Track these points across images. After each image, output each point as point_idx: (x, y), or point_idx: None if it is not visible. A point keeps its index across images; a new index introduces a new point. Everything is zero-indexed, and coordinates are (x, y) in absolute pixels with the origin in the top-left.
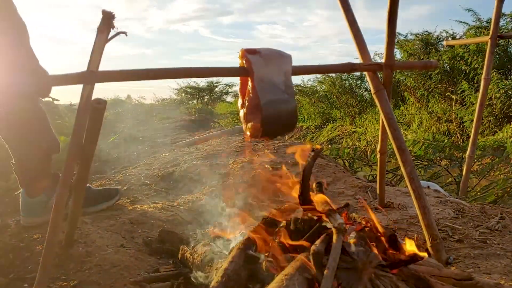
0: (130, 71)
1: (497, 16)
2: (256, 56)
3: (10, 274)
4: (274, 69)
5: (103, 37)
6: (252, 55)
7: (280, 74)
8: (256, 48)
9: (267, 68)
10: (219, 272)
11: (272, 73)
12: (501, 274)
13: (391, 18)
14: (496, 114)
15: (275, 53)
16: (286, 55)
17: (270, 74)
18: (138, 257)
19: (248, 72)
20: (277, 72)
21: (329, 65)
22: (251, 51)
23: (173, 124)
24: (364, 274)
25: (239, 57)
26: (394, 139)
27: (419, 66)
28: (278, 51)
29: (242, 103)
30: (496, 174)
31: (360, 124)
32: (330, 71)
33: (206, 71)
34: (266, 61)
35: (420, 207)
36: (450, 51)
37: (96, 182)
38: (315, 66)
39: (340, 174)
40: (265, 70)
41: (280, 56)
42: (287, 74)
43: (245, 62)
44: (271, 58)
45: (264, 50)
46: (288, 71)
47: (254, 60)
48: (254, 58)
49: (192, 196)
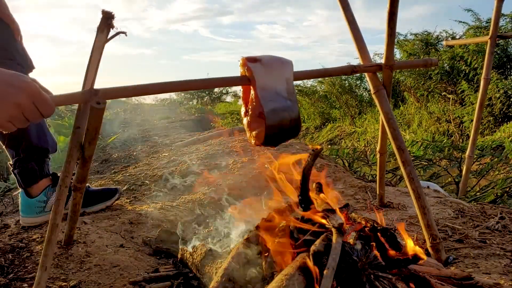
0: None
1: (496, 16)
2: (257, 64)
3: (10, 274)
4: (276, 77)
5: (102, 37)
6: (253, 64)
7: (282, 81)
8: (257, 56)
9: (269, 76)
10: (219, 272)
11: (274, 80)
12: (500, 274)
13: (391, 19)
14: (496, 114)
15: (276, 60)
16: (287, 61)
17: (272, 82)
18: (138, 257)
19: (250, 80)
20: (279, 79)
21: (330, 68)
22: (252, 59)
23: (173, 124)
24: (364, 275)
25: (240, 66)
26: (393, 139)
27: (420, 64)
28: (279, 58)
29: (245, 111)
30: (496, 174)
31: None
32: (331, 75)
33: (207, 83)
34: (267, 69)
35: (419, 207)
36: (450, 51)
37: (96, 182)
38: (315, 71)
39: (339, 174)
40: (266, 78)
41: (281, 63)
42: (288, 81)
43: (247, 70)
44: (272, 65)
45: (265, 57)
46: (290, 77)
47: (255, 68)
48: (255, 66)
49: (192, 196)
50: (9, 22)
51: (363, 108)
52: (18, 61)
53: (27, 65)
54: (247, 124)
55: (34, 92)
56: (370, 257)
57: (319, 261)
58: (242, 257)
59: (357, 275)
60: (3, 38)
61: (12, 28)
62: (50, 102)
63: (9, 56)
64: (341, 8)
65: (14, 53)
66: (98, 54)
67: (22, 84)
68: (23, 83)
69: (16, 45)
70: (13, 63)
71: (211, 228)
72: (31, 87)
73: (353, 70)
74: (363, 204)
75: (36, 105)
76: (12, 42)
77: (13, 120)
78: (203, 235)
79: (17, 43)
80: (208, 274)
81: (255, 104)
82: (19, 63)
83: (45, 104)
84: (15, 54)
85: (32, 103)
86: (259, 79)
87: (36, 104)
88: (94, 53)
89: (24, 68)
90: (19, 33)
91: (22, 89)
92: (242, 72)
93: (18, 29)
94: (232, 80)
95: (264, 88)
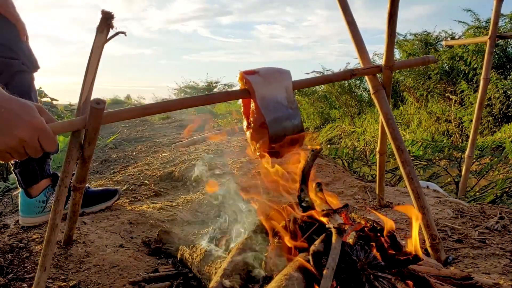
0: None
1: (496, 16)
2: (255, 76)
3: (9, 274)
4: (275, 86)
5: (102, 37)
6: (251, 76)
7: (281, 90)
8: (254, 69)
9: (268, 86)
10: (218, 272)
11: (274, 90)
12: (500, 274)
13: (391, 20)
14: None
15: (273, 70)
16: (285, 71)
17: (272, 92)
18: (137, 257)
19: (249, 93)
20: (278, 89)
21: (329, 74)
22: (249, 72)
23: (172, 124)
24: (363, 275)
25: (238, 80)
26: (393, 139)
27: (418, 62)
28: (277, 68)
29: (247, 124)
30: (495, 174)
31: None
32: (330, 81)
33: (209, 99)
34: (266, 80)
35: (419, 207)
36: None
37: (95, 182)
38: (314, 78)
39: (339, 174)
40: (266, 88)
41: (279, 72)
42: (288, 89)
43: (245, 83)
44: (270, 75)
45: (262, 69)
46: (289, 86)
47: (254, 80)
48: (254, 78)
49: (191, 196)
50: (15, 21)
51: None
52: (22, 60)
53: (32, 65)
54: (250, 137)
55: (41, 129)
56: (369, 257)
57: (319, 261)
58: (241, 257)
59: (357, 275)
60: (8, 38)
61: (18, 28)
62: (54, 139)
63: (14, 56)
64: (340, 10)
65: (19, 52)
66: (98, 54)
67: (31, 119)
68: (33, 119)
69: (21, 45)
70: (18, 63)
71: (211, 228)
72: (39, 123)
73: (352, 74)
74: (362, 204)
75: (40, 141)
76: (17, 42)
77: (12, 152)
78: (202, 235)
79: (23, 42)
80: (208, 274)
81: (256, 115)
82: (24, 63)
83: (49, 141)
84: (20, 54)
85: (36, 139)
86: (258, 90)
87: (41, 140)
88: (94, 53)
89: (29, 68)
90: (25, 33)
91: (30, 125)
92: (241, 85)
93: (24, 29)
94: (232, 94)
95: (264, 98)
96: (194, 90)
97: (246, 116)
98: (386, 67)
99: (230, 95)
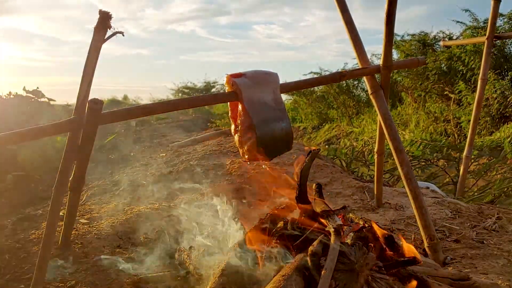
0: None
1: (493, 16)
2: (242, 79)
3: (7, 275)
4: (262, 88)
5: (100, 37)
6: (238, 78)
7: (269, 92)
8: (241, 72)
9: (255, 88)
10: (216, 272)
11: (261, 92)
12: (498, 274)
13: (389, 20)
14: (493, 114)
15: (260, 73)
16: (272, 73)
17: (259, 93)
18: (135, 258)
19: (236, 95)
20: (265, 90)
21: (318, 77)
22: (236, 75)
23: (170, 125)
24: (361, 276)
25: (225, 84)
26: (391, 140)
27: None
28: (264, 71)
29: (235, 127)
30: (493, 174)
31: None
32: (319, 84)
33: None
34: (253, 82)
35: (417, 207)
36: (447, 52)
37: (93, 182)
38: (302, 81)
39: (337, 175)
40: (253, 90)
41: (266, 74)
42: (276, 91)
43: (232, 85)
44: (258, 78)
45: (249, 72)
46: (276, 88)
47: (241, 82)
48: (240, 80)
49: (189, 196)
50: None
51: (360, 108)
52: None
53: None
54: (238, 140)
55: None
56: (367, 258)
57: (317, 261)
58: (239, 258)
59: (355, 276)
60: None
61: None
62: None
63: None
64: (338, 10)
65: None
66: (95, 54)
67: None
68: None
69: None
70: None
71: (209, 229)
72: None
73: (341, 75)
74: (360, 205)
75: None
76: None
77: None
78: (201, 236)
79: None
80: (206, 274)
81: (243, 117)
82: None
83: None
84: None
85: None
86: (245, 92)
87: None
88: (91, 53)
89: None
90: None
91: None
92: (228, 88)
93: None
94: (220, 96)
95: (251, 100)
96: (192, 90)
97: (234, 119)
98: (384, 67)
99: (217, 97)
